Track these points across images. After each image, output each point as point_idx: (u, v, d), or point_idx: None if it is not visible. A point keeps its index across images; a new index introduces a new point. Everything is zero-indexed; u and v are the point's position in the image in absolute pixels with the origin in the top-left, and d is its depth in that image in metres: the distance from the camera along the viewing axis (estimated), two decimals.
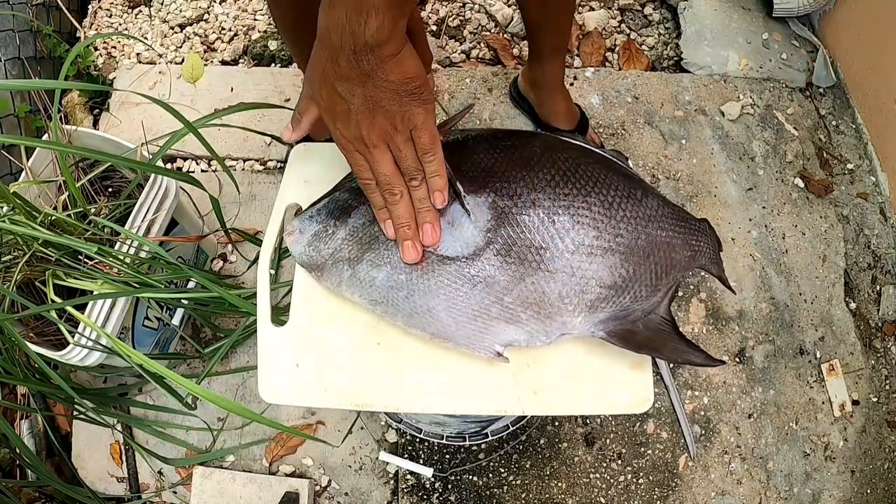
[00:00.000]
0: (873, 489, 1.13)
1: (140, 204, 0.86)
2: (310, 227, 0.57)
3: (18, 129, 1.22)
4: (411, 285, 0.54)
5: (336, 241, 0.56)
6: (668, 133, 1.31)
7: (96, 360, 0.84)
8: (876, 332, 1.21)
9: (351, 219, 0.56)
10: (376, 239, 0.55)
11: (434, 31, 1.42)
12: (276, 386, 0.56)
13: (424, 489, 1.05)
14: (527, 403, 0.56)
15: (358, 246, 0.55)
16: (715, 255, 0.64)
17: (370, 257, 0.55)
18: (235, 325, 1.11)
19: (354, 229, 0.56)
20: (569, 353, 0.57)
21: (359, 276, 0.55)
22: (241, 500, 1.03)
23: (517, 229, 0.54)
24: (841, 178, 1.32)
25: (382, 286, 0.54)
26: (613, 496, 1.07)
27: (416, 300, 0.54)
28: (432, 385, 0.56)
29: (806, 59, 1.42)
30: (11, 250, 0.81)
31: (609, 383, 0.57)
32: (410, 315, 0.54)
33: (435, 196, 0.53)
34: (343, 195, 0.58)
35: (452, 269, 0.54)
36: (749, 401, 1.13)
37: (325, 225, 0.57)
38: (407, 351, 0.57)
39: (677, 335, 0.57)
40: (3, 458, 1.03)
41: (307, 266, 0.57)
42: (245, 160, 1.28)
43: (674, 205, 0.61)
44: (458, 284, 0.53)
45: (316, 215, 0.57)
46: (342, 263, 0.55)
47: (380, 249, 0.54)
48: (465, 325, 0.54)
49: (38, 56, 1.31)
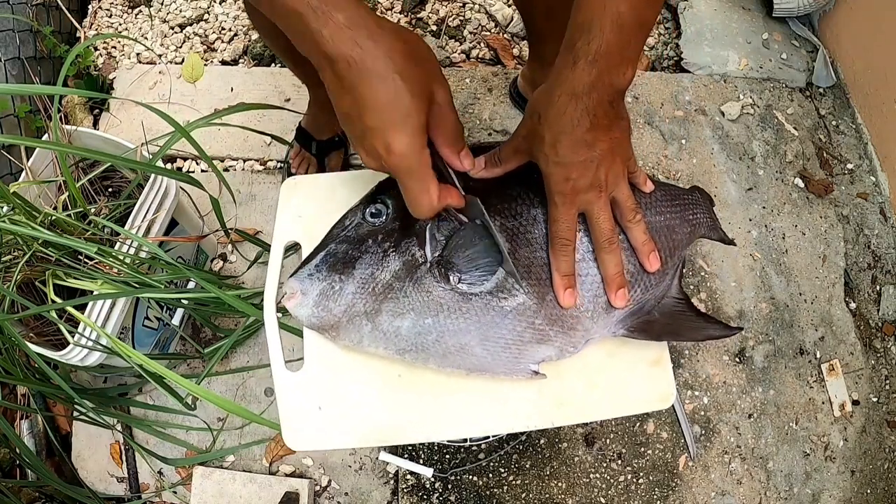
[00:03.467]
0: (873, 489, 1.13)
1: (140, 204, 0.86)
2: (312, 286, 0.53)
3: (18, 129, 1.22)
4: (440, 327, 0.52)
5: (347, 297, 0.52)
6: (668, 133, 1.31)
7: (96, 360, 0.84)
8: (876, 332, 1.21)
9: (357, 270, 0.52)
10: (391, 287, 0.52)
11: (434, 31, 1.42)
12: (301, 432, 0.53)
13: (424, 489, 1.05)
14: (554, 415, 0.55)
15: (372, 298, 0.52)
16: (712, 221, 0.64)
17: (390, 307, 0.52)
18: (235, 325, 1.11)
19: (364, 281, 0.52)
20: (590, 359, 0.57)
21: (381, 329, 0.52)
22: (241, 500, 1.03)
23: (529, 248, 0.53)
24: (841, 178, 1.32)
25: (409, 334, 0.52)
26: (613, 496, 1.07)
27: (447, 341, 0.52)
28: (459, 409, 0.54)
29: (806, 59, 1.42)
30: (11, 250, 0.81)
31: (631, 384, 0.56)
32: (444, 356, 0.52)
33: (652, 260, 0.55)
34: (340, 247, 0.54)
35: (480, 303, 0.52)
36: (749, 401, 1.13)
37: (329, 281, 0.52)
38: (428, 378, 0.55)
39: (693, 311, 0.58)
40: (3, 458, 1.03)
41: (318, 328, 0.53)
42: (245, 160, 1.28)
43: (664, 184, 0.61)
44: (490, 317, 0.52)
45: (316, 273, 0.53)
46: (359, 319, 0.52)
47: (398, 297, 0.52)
48: (499, 354, 0.53)
49: (38, 56, 1.31)
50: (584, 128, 0.49)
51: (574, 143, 0.50)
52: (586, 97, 0.48)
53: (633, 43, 0.48)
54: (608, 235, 0.53)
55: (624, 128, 0.53)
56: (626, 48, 0.48)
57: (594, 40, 0.47)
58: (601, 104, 0.49)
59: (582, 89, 0.48)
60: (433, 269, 0.52)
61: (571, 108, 0.49)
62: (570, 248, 0.52)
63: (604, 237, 0.53)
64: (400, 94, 0.42)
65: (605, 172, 0.52)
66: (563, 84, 0.49)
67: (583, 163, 0.50)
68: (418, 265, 0.52)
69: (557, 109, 0.49)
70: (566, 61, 0.49)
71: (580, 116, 0.49)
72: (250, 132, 0.90)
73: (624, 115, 0.53)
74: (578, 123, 0.49)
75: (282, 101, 1.30)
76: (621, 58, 0.47)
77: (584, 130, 0.49)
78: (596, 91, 0.48)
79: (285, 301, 0.53)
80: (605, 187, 0.52)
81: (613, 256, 0.53)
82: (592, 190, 0.52)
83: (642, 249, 0.55)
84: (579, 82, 0.48)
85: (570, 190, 0.51)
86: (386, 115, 0.42)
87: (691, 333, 0.57)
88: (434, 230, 0.53)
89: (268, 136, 0.93)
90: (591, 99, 0.48)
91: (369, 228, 0.54)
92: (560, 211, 0.52)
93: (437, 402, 0.54)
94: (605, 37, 0.46)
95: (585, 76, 0.47)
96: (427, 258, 0.52)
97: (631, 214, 0.54)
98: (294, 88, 1.32)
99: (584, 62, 0.47)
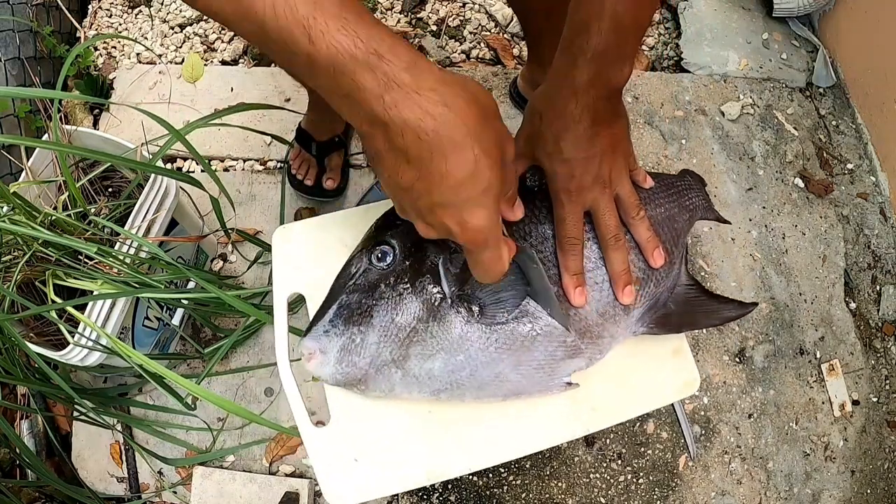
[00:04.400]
0: (873, 489, 1.13)
1: (140, 204, 0.86)
2: (331, 342, 0.51)
3: (18, 129, 1.22)
4: (473, 362, 0.51)
5: (370, 348, 0.50)
6: (668, 133, 1.31)
7: (96, 360, 0.84)
8: (876, 332, 1.21)
9: (375, 318, 0.51)
10: (415, 330, 0.51)
11: (434, 31, 1.42)
12: (340, 487, 0.52)
13: (424, 489, 1.05)
14: (589, 422, 0.55)
15: (398, 344, 0.50)
16: (707, 202, 0.65)
17: (418, 351, 0.51)
18: (235, 325, 1.11)
19: (385, 329, 0.50)
20: (614, 360, 0.57)
21: (413, 374, 0.51)
22: (241, 500, 1.03)
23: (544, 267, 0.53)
24: (841, 178, 1.32)
25: (442, 374, 0.51)
26: (613, 496, 1.07)
27: (481, 373, 0.51)
28: (495, 434, 0.54)
29: (806, 59, 1.42)
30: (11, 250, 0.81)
31: (657, 376, 0.57)
32: (479, 388, 0.52)
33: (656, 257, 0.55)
34: (352, 297, 0.52)
35: (507, 331, 0.51)
36: (749, 401, 1.13)
37: (349, 335, 0.51)
38: (459, 410, 0.54)
39: (706, 295, 0.58)
40: (3, 458, 1.03)
41: (344, 384, 0.52)
42: (245, 160, 1.28)
43: (655, 174, 0.61)
44: (520, 343, 0.51)
45: (332, 328, 0.51)
46: (388, 367, 0.51)
47: (425, 339, 0.51)
48: (532, 375, 0.52)
49: (38, 56, 1.31)
50: (586, 124, 0.50)
51: (576, 139, 0.50)
52: (585, 94, 0.49)
53: (630, 41, 0.49)
54: (614, 232, 0.53)
55: (623, 125, 0.54)
56: (623, 46, 0.49)
57: (593, 38, 0.48)
58: (600, 100, 0.50)
59: (581, 86, 0.49)
60: (455, 304, 0.51)
61: (572, 105, 0.50)
62: (578, 246, 0.53)
63: (610, 234, 0.53)
64: (480, 167, 0.37)
65: (608, 168, 0.52)
66: (563, 82, 0.50)
67: (586, 159, 0.51)
68: (438, 303, 0.51)
69: (558, 107, 0.50)
70: (565, 60, 0.50)
71: (581, 113, 0.50)
72: (250, 132, 0.90)
73: (623, 113, 0.54)
74: (580, 120, 0.50)
75: (282, 101, 1.30)
76: (619, 55, 0.49)
77: (586, 126, 0.50)
78: (594, 87, 0.49)
79: (305, 363, 0.51)
80: (609, 183, 0.53)
81: (620, 253, 0.53)
82: (597, 186, 0.52)
83: (647, 246, 0.55)
84: (579, 79, 0.49)
85: (575, 187, 0.52)
86: (463, 191, 0.37)
87: (708, 319, 0.58)
88: (447, 264, 0.51)
89: (268, 136, 0.93)
90: (590, 95, 0.49)
91: (379, 273, 0.52)
92: (566, 209, 0.52)
93: (471, 431, 0.53)
94: (604, 35, 0.47)
95: (585, 73, 0.49)
96: (446, 294, 0.51)
97: (634, 211, 0.55)
98: (294, 88, 1.32)
99: (583, 60, 0.48)
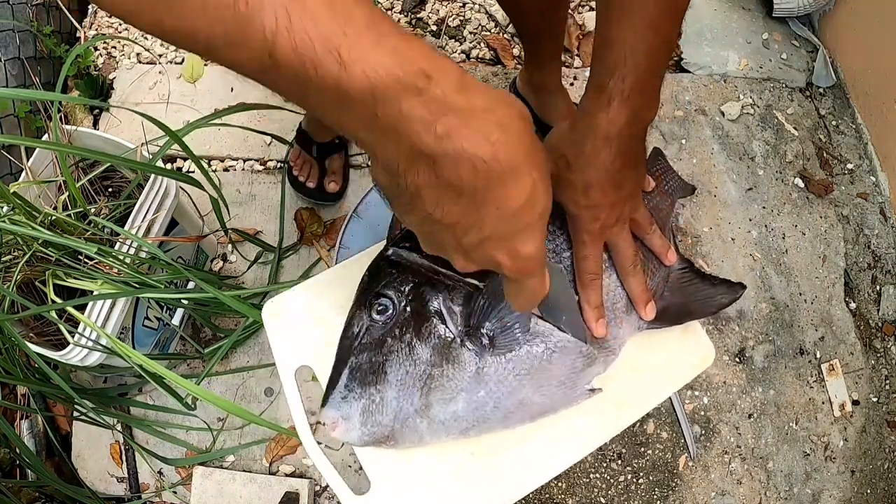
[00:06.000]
0: (873, 489, 1.13)
1: (140, 204, 0.86)
2: (351, 407, 0.51)
3: (18, 129, 1.22)
4: (495, 395, 0.51)
5: (392, 404, 0.50)
6: (668, 133, 1.31)
7: (96, 360, 0.84)
8: (876, 332, 1.21)
9: (390, 374, 0.51)
10: (431, 377, 0.50)
11: (434, 31, 1.42)
12: None
13: None
14: (619, 419, 0.55)
15: (418, 394, 0.50)
16: (680, 180, 0.66)
17: (438, 396, 0.50)
18: (235, 325, 1.11)
19: (402, 382, 0.50)
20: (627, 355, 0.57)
21: (438, 420, 0.51)
22: (241, 500, 1.03)
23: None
24: (841, 178, 1.32)
25: (466, 413, 0.51)
26: (613, 496, 1.07)
27: (505, 404, 0.51)
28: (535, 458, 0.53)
29: (806, 59, 1.42)
30: (11, 250, 0.81)
31: (672, 358, 0.57)
32: (506, 418, 0.52)
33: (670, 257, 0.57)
34: (361, 357, 0.52)
35: (522, 356, 0.51)
36: (749, 401, 1.13)
37: (368, 396, 0.51)
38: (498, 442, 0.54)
39: (698, 276, 0.59)
40: (3, 458, 1.03)
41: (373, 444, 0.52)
42: (245, 160, 1.28)
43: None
44: (537, 365, 0.51)
45: (349, 393, 0.51)
46: (412, 419, 0.51)
47: (444, 384, 0.50)
48: (555, 392, 0.52)
49: (38, 56, 1.31)
50: (616, 169, 0.49)
51: (605, 186, 0.50)
52: (618, 138, 0.48)
53: (661, 72, 0.49)
54: (632, 261, 0.54)
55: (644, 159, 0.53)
56: (655, 79, 0.48)
57: (628, 77, 0.46)
58: (633, 140, 0.49)
59: (616, 131, 0.48)
60: (465, 342, 0.51)
61: (606, 151, 0.48)
62: (599, 281, 0.53)
63: (628, 262, 0.54)
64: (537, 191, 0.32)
65: (629, 206, 0.53)
66: (596, 127, 0.48)
67: (612, 203, 0.51)
68: (448, 344, 0.51)
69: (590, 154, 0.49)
70: (598, 103, 0.48)
71: (613, 159, 0.49)
72: (250, 132, 0.90)
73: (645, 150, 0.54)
74: (611, 166, 0.49)
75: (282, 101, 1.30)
76: (653, 90, 0.49)
77: (616, 171, 0.49)
78: (628, 128, 0.48)
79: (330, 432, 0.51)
80: (628, 216, 0.54)
81: (638, 277, 0.54)
82: (618, 224, 0.53)
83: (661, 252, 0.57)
84: (614, 123, 0.48)
85: (599, 229, 0.52)
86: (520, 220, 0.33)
87: (703, 307, 0.58)
88: (448, 303, 0.51)
89: (268, 136, 0.93)
90: (624, 138, 0.48)
91: (382, 328, 0.52)
92: (588, 248, 0.52)
93: (513, 460, 0.53)
94: (640, 72, 0.46)
95: (622, 116, 0.47)
96: (454, 334, 0.51)
97: (649, 227, 0.56)
98: None
99: (619, 101, 0.47)
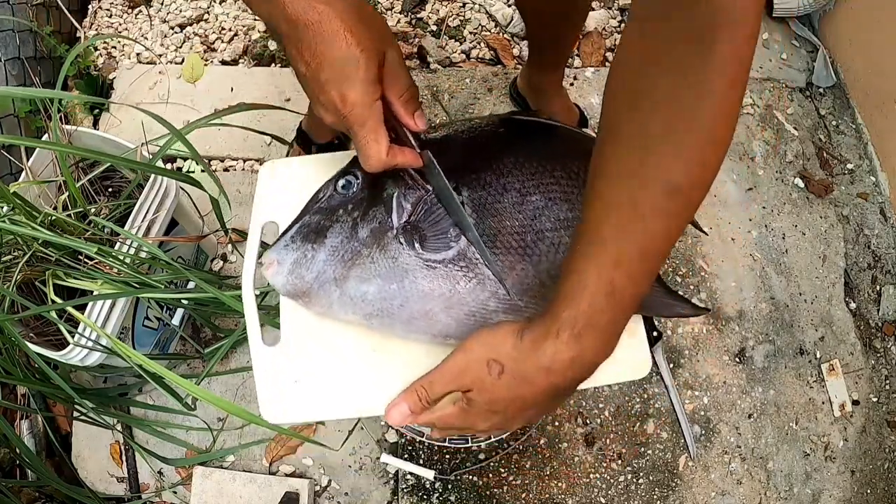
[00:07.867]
0: (873, 489, 1.13)
1: (140, 204, 0.86)
2: (287, 255, 0.55)
3: (18, 129, 1.22)
4: (405, 293, 0.53)
5: (318, 265, 0.54)
6: None
7: (96, 360, 0.84)
8: (876, 332, 1.21)
9: (328, 239, 0.54)
10: (359, 254, 0.54)
11: (434, 31, 1.42)
12: (277, 405, 0.55)
13: (424, 489, 1.05)
14: None
15: (342, 264, 0.54)
16: None
17: (357, 273, 0.54)
18: (235, 325, 1.11)
19: (334, 249, 0.54)
20: None
21: (349, 294, 0.54)
22: (241, 500, 1.03)
23: (496, 218, 0.54)
24: (841, 178, 1.32)
25: (375, 299, 0.53)
26: (613, 496, 1.07)
27: (411, 306, 0.53)
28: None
29: (806, 59, 1.42)
30: (11, 250, 0.81)
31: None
32: (408, 322, 0.54)
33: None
34: (314, 217, 0.56)
35: (444, 270, 0.53)
36: (749, 401, 1.13)
37: (303, 251, 0.55)
38: (403, 353, 0.56)
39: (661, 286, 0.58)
40: (3, 458, 1.03)
41: (292, 295, 0.56)
42: (245, 160, 1.28)
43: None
44: (451, 284, 0.53)
45: (291, 243, 0.55)
46: (329, 285, 0.54)
47: (365, 263, 0.53)
48: (464, 321, 0.54)
49: (38, 56, 1.31)
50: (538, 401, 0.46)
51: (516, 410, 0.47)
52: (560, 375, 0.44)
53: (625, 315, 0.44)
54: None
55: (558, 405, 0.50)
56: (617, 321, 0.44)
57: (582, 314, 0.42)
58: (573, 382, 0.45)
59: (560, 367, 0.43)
60: (399, 235, 0.54)
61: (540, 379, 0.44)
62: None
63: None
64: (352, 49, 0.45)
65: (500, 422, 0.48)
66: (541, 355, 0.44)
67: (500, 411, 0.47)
68: (385, 232, 0.54)
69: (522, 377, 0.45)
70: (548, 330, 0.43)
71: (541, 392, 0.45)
72: (250, 132, 0.90)
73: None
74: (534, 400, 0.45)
75: (282, 101, 1.30)
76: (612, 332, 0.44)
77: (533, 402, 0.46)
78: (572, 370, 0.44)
79: (263, 271, 0.56)
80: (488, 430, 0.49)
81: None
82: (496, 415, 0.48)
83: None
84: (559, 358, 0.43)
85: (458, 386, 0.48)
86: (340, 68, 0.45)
87: (660, 309, 0.58)
88: (401, 198, 0.54)
89: (268, 136, 0.93)
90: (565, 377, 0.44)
91: (340, 199, 0.56)
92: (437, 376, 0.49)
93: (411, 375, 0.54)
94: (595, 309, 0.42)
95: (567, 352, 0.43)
96: (393, 225, 0.54)
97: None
98: (294, 88, 1.32)
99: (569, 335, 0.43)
